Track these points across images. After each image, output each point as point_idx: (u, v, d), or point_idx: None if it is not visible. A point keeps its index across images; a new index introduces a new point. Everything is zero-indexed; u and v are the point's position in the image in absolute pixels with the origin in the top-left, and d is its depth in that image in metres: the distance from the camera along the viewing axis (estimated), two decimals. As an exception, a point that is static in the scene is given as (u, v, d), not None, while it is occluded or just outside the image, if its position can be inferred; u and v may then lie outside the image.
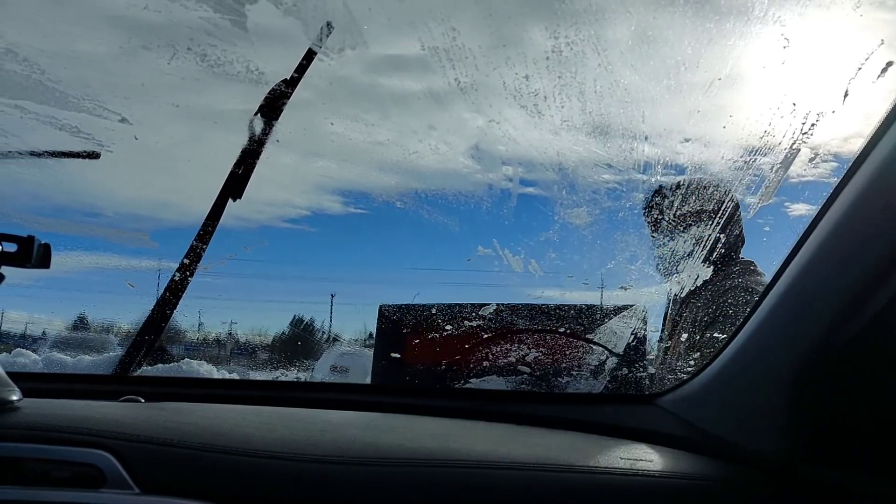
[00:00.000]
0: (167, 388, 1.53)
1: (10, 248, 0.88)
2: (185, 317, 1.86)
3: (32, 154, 1.83)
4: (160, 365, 1.77)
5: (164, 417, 1.06)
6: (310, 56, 1.58)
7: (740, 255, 1.93)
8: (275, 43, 1.56)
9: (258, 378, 1.61)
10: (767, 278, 1.23)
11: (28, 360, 1.65)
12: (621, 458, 1.11)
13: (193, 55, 1.39)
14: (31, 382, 1.44)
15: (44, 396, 1.30)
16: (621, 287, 1.66)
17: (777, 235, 1.97)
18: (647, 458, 1.15)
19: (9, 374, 1.01)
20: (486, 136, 1.76)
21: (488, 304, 1.85)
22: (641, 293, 1.77)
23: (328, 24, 1.76)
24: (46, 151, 1.84)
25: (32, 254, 0.89)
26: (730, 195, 1.64)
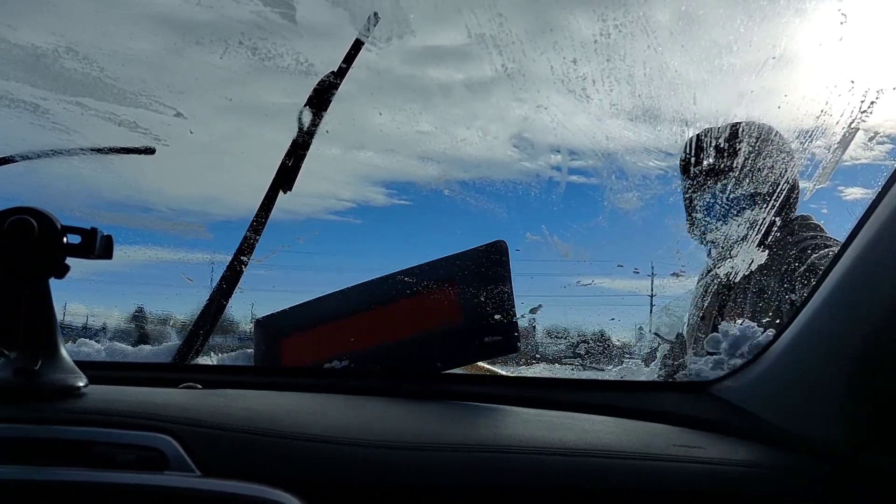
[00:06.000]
0: (223, 376, 1.57)
1: (75, 240, 0.92)
2: (238, 308, 1.90)
3: (92, 150, 1.89)
4: (216, 354, 1.81)
5: (222, 403, 1.09)
6: (357, 46, 1.59)
7: (797, 240, 1.87)
8: (323, 35, 1.58)
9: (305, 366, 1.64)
10: (825, 262, 1.20)
11: (91, 349, 1.71)
12: (674, 445, 1.10)
13: (245, 49, 1.42)
14: (95, 370, 1.50)
15: (106, 384, 1.36)
16: (672, 274, 1.64)
17: (833, 219, 1.92)
18: (700, 445, 1.14)
19: (73, 362, 1.05)
20: (533, 123, 1.75)
21: (363, 282, 1.76)
22: (692, 279, 1.74)
23: (375, 15, 1.77)
24: (106, 148, 1.90)
25: (96, 245, 0.92)
26: (785, 177, 1.59)
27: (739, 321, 1.38)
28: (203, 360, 1.78)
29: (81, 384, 0.99)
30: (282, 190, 1.89)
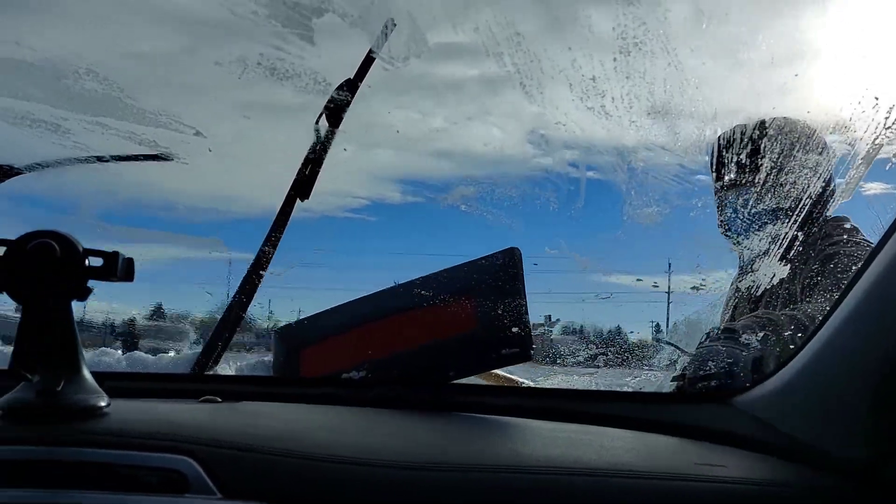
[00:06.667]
0: (242, 387, 1.59)
1: (97, 262, 0.92)
2: (257, 306, 1.90)
3: (112, 157, 1.91)
4: (234, 363, 1.83)
5: (242, 421, 1.10)
6: (369, 61, 1.59)
7: (827, 245, 1.83)
8: (341, 55, 1.58)
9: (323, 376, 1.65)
10: (852, 270, 1.18)
11: (112, 358, 1.73)
12: (696, 464, 1.09)
13: (262, 69, 1.42)
14: (116, 381, 1.51)
15: (127, 396, 1.37)
16: (693, 287, 1.62)
17: (862, 224, 1.88)
18: (723, 463, 1.12)
19: (94, 373, 1.05)
20: (545, 121, 1.73)
21: (379, 291, 1.75)
22: (714, 285, 1.72)
23: (391, 21, 1.77)
24: (125, 155, 1.91)
25: (117, 268, 0.92)
26: (818, 174, 1.56)
27: (762, 332, 1.37)
28: (222, 368, 1.79)
29: (103, 403, 0.99)
30: (299, 198, 1.90)
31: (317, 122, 1.80)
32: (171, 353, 1.78)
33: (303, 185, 1.87)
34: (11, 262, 0.89)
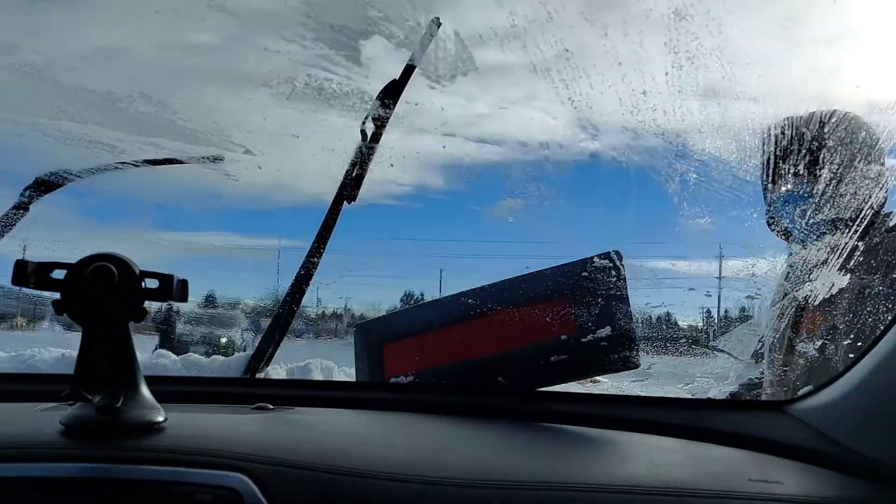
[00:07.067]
0: (293, 391, 1.62)
1: (153, 284, 0.95)
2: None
3: (165, 160, 1.95)
4: (286, 364, 1.86)
5: (295, 433, 1.12)
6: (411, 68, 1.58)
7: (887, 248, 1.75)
8: (388, 74, 1.58)
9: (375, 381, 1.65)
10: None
11: (168, 360, 1.78)
12: (751, 480, 1.07)
13: (311, 90, 1.43)
14: (172, 385, 1.56)
15: (182, 400, 1.41)
16: (747, 297, 1.58)
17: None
18: (778, 478, 1.10)
19: (150, 377, 1.08)
20: (591, 104, 1.70)
21: (469, 290, 1.69)
22: (769, 288, 1.68)
23: (436, 20, 1.75)
24: (177, 158, 1.95)
25: (172, 290, 0.95)
26: (869, 202, 1.50)
27: (820, 340, 1.33)
28: (273, 371, 1.83)
29: (160, 419, 1.02)
30: (346, 201, 1.91)
31: (363, 124, 1.80)
32: (223, 357, 1.82)
33: (350, 188, 1.88)
34: (72, 286, 0.92)
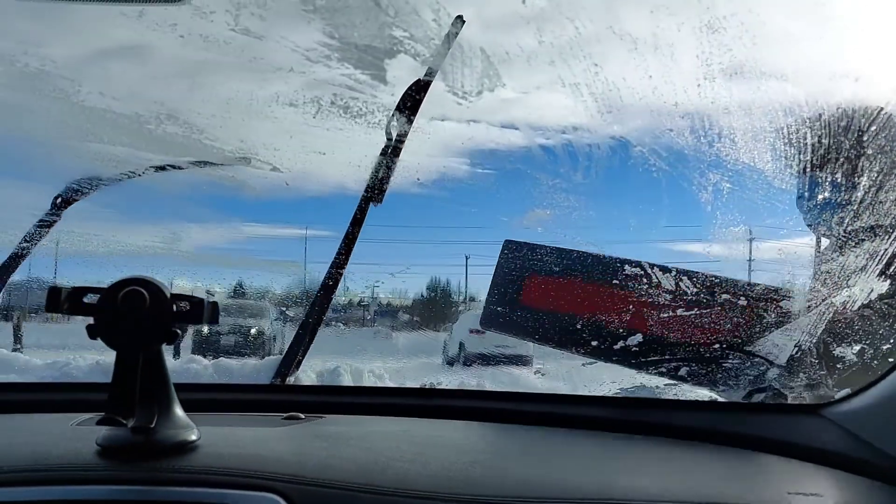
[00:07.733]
0: (323, 397, 1.62)
1: (184, 306, 0.95)
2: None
3: (195, 163, 1.96)
4: (316, 368, 1.87)
5: (325, 448, 1.12)
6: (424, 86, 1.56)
7: None
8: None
9: (407, 386, 1.65)
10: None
11: (199, 366, 1.80)
12: (789, 493, 1.05)
13: (336, 108, 1.43)
14: (204, 393, 1.57)
15: (212, 409, 1.42)
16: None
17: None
18: (817, 490, 1.08)
19: (182, 385, 1.09)
20: (617, 87, 1.68)
21: (631, 261, 1.66)
22: (802, 289, 1.64)
23: (459, 18, 1.73)
24: (206, 161, 1.96)
25: (203, 312, 0.95)
26: None
27: (858, 345, 1.30)
28: (302, 375, 1.84)
29: (194, 437, 1.03)
30: (372, 203, 1.91)
31: (388, 126, 1.79)
32: (254, 361, 1.83)
33: (376, 190, 1.88)
34: (104, 311, 0.93)
